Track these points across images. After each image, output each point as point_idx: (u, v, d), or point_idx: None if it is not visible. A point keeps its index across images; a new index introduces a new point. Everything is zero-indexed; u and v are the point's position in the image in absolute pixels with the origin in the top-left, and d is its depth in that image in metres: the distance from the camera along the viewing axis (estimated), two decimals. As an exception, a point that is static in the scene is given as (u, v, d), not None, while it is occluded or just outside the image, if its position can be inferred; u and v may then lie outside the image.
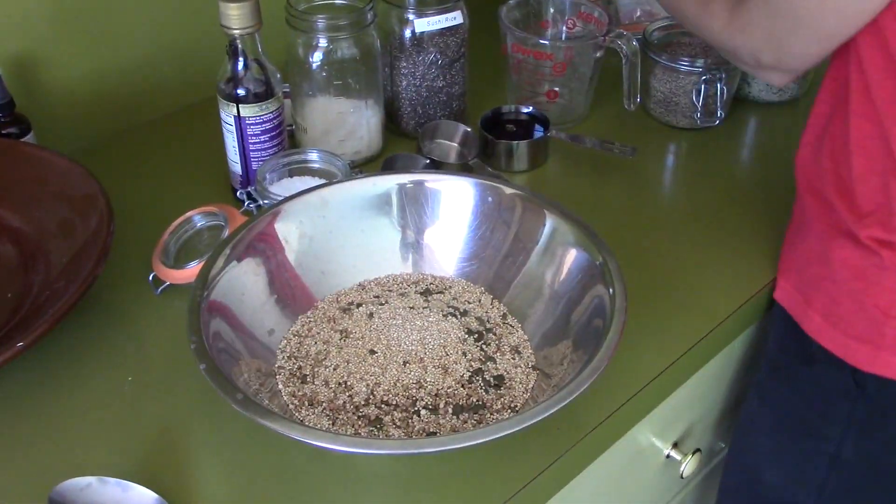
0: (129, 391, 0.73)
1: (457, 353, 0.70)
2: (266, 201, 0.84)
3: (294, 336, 0.74)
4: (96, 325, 0.78)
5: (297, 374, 0.70)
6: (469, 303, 0.76)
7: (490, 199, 0.78)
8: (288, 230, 0.76)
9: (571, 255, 0.73)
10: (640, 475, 0.90)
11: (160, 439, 0.69)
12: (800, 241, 0.80)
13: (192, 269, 0.81)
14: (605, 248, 0.71)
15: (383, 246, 0.79)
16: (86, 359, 0.75)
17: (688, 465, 0.86)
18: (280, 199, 0.82)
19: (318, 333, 0.73)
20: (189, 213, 0.85)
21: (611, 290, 0.67)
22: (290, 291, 0.76)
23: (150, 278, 0.82)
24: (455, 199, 0.79)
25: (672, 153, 1.03)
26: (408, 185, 0.79)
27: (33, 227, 0.82)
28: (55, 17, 0.94)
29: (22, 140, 0.90)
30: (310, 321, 0.75)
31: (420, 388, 0.68)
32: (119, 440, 0.69)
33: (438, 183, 0.79)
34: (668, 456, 0.87)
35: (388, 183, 0.79)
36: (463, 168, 0.96)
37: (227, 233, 0.82)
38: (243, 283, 0.72)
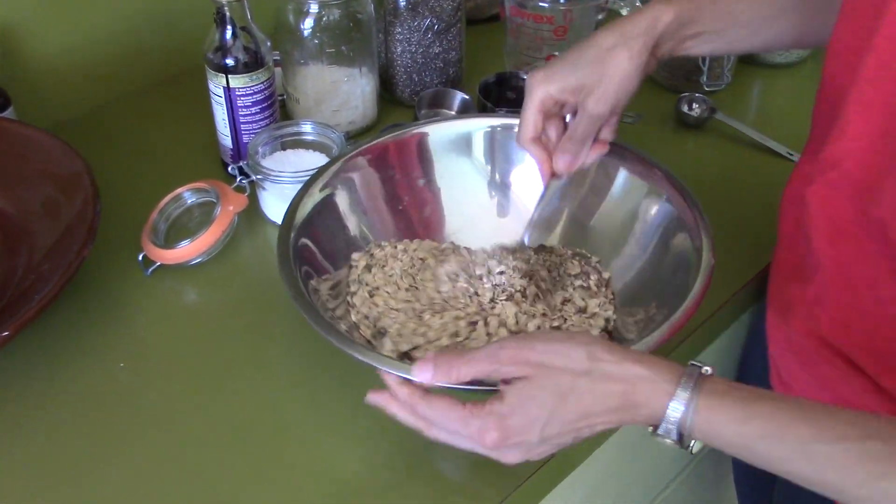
0: (122, 378, 0.70)
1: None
2: (258, 176, 0.81)
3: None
4: (84, 309, 0.75)
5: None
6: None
7: None
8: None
9: (652, 204, 0.72)
10: (652, 450, 0.88)
11: (158, 428, 0.66)
12: None
13: (184, 249, 0.78)
14: (690, 195, 0.70)
15: (471, 187, 0.79)
16: (74, 345, 0.72)
17: (698, 441, 0.84)
18: (276, 173, 0.80)
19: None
20: (179, 190, 0.82)
21: (692, 237, 0.66)
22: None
23: (140, 258, 0.79)
24: None
25: (676, 119, 0.99)
26: (497, 128, 0.78)
27: (15, 207, 0.79)
28: (33, -16, 0.90)
29: (0, 115, 0.86)
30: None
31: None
32: (114, 431, 0.66)
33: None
34: (677, 432, 0.85)
35: (478, 125, 0.79)
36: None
37: (219, 210, 0.79)
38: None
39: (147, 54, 1.01)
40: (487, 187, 0.79)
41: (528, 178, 0.77)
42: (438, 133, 0.78)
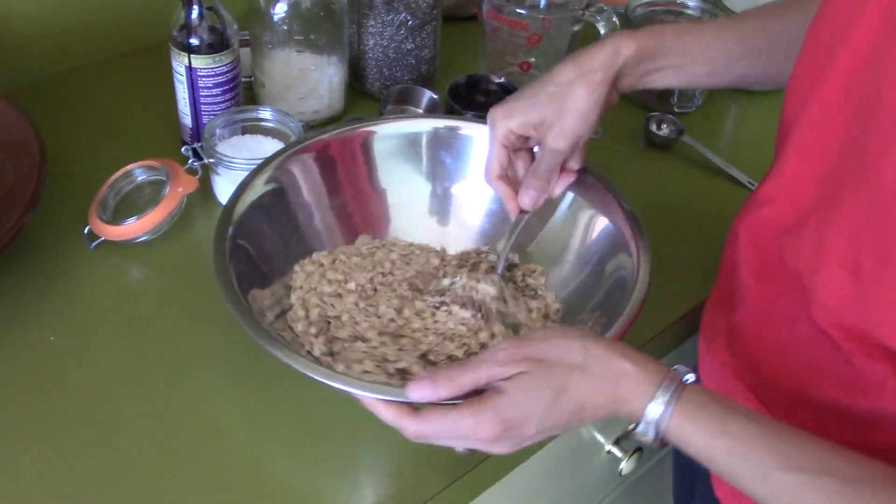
0: (49, 351, 0.69)
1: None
2: (211, 160, 0.80)
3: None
4: (22, 278, 0.74)
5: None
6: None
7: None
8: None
9: (597, 221, 0.71)
10: (579, 469, 0.88)
11: (79, 408, 0.65)
12: None
13: (129, 227, 0.77)
14: (633, 214, 0.69)
15: (411, 195, 0.78)
16: (6, 313, 0.71)
17: (627, 463, 0.84)
18: (228, 158, 0.79)
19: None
20: (130, 167, 0.81)
21: (633, 257, 0.66)
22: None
23: (85, 232, 0.78)
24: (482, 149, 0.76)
25: (644, 138, 0.99)
26: (441, 130, 0.77)
27: (-41, 170, 0.78)
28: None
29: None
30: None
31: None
32: (31, 406, 0.65)
33: (471, 130, 0.77)
34: (608, 452, 0.85)
35: (422, 126, 0.77)
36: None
37: (167, 190, 0.78)
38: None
39: (114, 25, 0.99)
40: (429, 195, 0.78)
41: (471, 186, 0.77)
42: (385, 133, 0.77)
